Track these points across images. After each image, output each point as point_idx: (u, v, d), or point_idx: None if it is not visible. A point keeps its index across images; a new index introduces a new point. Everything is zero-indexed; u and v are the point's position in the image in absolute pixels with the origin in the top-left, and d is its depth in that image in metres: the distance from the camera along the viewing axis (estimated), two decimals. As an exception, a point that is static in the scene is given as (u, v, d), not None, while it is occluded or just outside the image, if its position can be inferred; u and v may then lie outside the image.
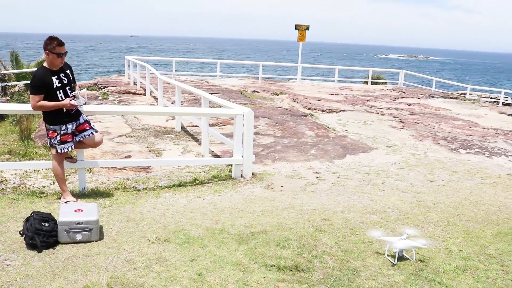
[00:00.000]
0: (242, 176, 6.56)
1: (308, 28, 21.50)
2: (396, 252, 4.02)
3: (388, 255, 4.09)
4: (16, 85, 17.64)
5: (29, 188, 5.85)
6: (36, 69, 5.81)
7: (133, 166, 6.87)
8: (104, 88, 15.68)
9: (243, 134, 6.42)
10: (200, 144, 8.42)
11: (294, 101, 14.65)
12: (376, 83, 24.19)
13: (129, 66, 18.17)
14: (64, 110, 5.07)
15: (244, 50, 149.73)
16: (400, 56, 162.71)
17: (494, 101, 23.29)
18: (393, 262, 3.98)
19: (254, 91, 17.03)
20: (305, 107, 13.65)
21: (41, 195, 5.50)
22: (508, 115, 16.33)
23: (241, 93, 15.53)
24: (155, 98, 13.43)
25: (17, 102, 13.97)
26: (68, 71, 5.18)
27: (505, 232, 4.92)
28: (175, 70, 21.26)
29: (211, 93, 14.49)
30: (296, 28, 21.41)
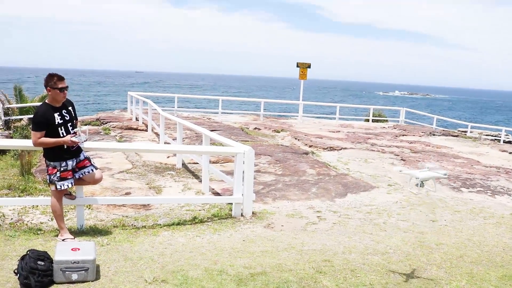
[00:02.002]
0: (242, 215, 6.49)
1: (309, 66, 21.76)
2: (418, 184, 4.17)
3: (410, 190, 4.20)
4: (20, 119, 17.76)
5: (26, 224, 5.80)
6: (39, 104, 5.86)
7: (132, 204, 6.82)
8: (106, 123, 15.77)
9: (243, 172, 6.40)
10: (200, 181, 8.38)
11: (296, 138, 14.67)
12: (377, 121, 24.30)
13: (131, 101, 18.32)
14: (65, 147, 5.08)
15: (249, 87, 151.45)
16: (401, 94, 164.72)
17: (495, 139, 23.32)
18: (415, 193, 4.05)
19: (255, 128, 17.09)
20: (306, 144, 13.65)
21: (39, 232, 5.44)
22: (510, 153, 16.29)
23: (243, 130, 15.60)
24: (157, 134, 13.47)
25: (19, 136, 14.05)
26: (70, 108, 5.22)
27: (511, 275, 4.82)
28: (178, 107, 21.40)
29: (212, 130, 14.57)
30: (297, 66, 21.68)
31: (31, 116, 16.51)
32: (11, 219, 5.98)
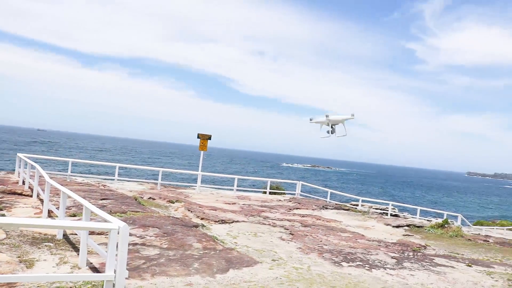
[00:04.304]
0: (114, 293, 6.26)
1: (210, 138, 22.16)
2: (329, 125, 4.50)
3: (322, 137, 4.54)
4: None
5: None
6: None
7: (-6, 281, 6.32)
8: (-12, 187, 14.67)
9: (117, 248, 6.26)
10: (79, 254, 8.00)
11: (189, 210, 14.60)
12: (275, 193, 24.98)
13: (20, 164, 17.34)
14: None
15: (157, 153, 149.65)
16: (304, 166, 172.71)
17: (383, 212, 24.91)
18: (328, 135, 4.42)
19: (150, 198, 16.80)
20: (198, 217, 13.63)
21: None
22: (393, 226, 17.48)
23: (136, 199, 15.24)
24: (42, 201, 12.77)
25: None
26: None
27: None
28: (75, 172, 20.59)
29: (103, 199, 14.14)
30: (198, 137, 21.96)
31: None
32: None
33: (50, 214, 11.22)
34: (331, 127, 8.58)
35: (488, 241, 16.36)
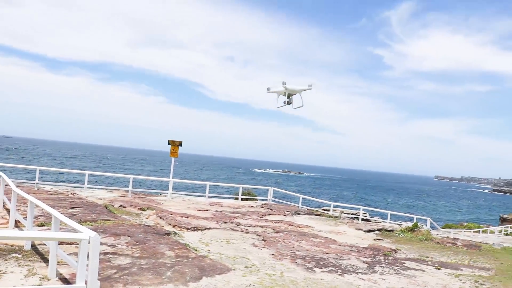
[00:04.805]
0: (85, 305, 6.15)
1: (180, 144, 22.07)
2: (286, 95, 4.57)
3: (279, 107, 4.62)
4: None
5: None
6: None
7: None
8: (-50, 197, 14.17)
9: (88, 259, 6.16)
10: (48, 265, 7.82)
11: (160, 218, 14.47)
12: (247, 199, 24.99)
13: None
14: None
15: (128, 160, 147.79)
16: (276, 171, 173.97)
17: (355, 217, 25.22)
18: (284, 105, 4.54)
19: (121, 205, 16.56)
20: (170, 224, 13.52)
21: None
22: (364, 231, 17.71)
23: (106, 207, 15.01)
24: (8, 210, 12.44)
25: None
26: None
27: None
28: (45, 180, 20.14)
29: (73, 207, 13.88)
30: (169, 144, 21.83)
31: None
32: None
33: (17, 224, 10.94)
34: (288, 97, 8.72)
35: (456, 244, 16.76)
